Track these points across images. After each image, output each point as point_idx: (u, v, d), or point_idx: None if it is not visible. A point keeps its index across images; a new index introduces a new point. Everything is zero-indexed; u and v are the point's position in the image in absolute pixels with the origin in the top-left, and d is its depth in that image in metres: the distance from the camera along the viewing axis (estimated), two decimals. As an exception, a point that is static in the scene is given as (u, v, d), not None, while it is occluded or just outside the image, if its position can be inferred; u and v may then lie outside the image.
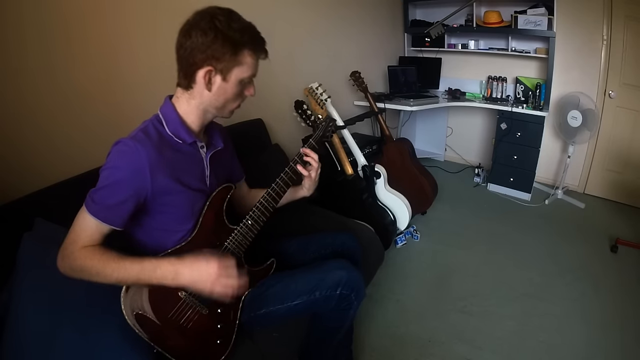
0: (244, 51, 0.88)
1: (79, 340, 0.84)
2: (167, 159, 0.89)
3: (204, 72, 0.87)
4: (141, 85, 1.52)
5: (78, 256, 0.80)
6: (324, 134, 1.20)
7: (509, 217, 2.63)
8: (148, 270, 0.83)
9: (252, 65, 0.91)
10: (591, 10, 2.59)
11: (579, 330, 1.63)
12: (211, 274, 0.84)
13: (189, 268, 0.85)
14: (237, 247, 1.02)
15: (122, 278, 0.82)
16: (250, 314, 1.04)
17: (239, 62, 0.88)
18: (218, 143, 1.05)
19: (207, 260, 0.85)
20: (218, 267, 0.85)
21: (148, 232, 0.94)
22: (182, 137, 0.94)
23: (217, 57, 0.86)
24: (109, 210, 0.83)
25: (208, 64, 0.86)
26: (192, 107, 0.94)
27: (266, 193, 1.06)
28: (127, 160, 0.84)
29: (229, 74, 0.89)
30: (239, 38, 0.86)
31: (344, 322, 1.13)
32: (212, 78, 0.89)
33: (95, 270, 0.80)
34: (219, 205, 1.03)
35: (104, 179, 0.84)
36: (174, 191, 0.91)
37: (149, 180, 0.85)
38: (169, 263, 0.85)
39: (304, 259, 1.24)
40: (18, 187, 1.14)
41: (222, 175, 1.08)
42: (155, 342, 0.89)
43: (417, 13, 3.43)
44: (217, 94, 0.91)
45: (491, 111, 3.11)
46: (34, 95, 1.22)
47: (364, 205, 2.09)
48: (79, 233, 0.83)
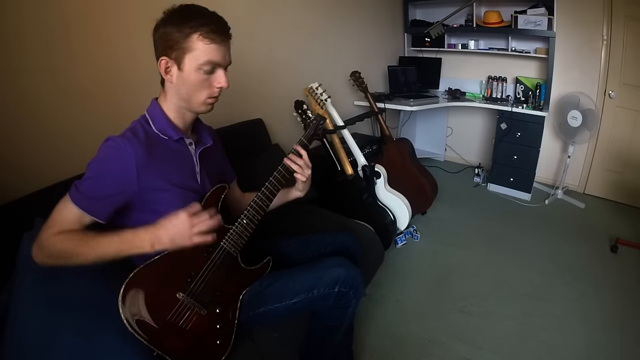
0: (192, 36, 0.86)
1: (79, 341, 0.84)
2: (155, 157, 0.91)
3: (162, 63, 0.89)
4: (141, 84, 1.51)
5: (56, 241, 0.81)
6: (315, 132, 1.20)
7: (509, 217, 2.63)
8: (127, 241, 0.84)
9: (207, 51, 0.88)
10: (591, 10, 2.59)
11: (579, 330, 1.63)
12: (184, 224, 0.85)
13: (164, 229, 0.85)
14: (233, 246, 1.02)
15: (102, 254, 0.82)
16: (249, 313, 1.03)
17: (190, 49, 0.87)
18: (207, 140, 1.07)
19: (176, 215, 0.85)
20: (187, 216, 0.85)
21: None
22: (168, 134, 0.95)
23: (169, 46, 0.87)
24: (92, 201, 0.85)
25: (163, 54, 0.89)
26: (169, 103, 0.96)
27: (260, 192, 1.06)
28: (114, 155, 0.86)
29: (182, 62, 0.88)
30: (187, 22, 0.85)
31: (343, 320, 1.13)
32: (170, 69, 0.90)
33: (75, 251, 0.81)
34: (214, 205, 1.03)
35: (90, 171, 0.86)
36: (163, 189, 0.92)
37: (134, 177, 0.87)
38: (145, 230, 0.85)
39: (303, 258, 1.24)
40: (18, 187, 1.14)
41: (213, 174, 1.08)
42: (155, 345, 0.89)
43: (417, 13, 3.43)
44: (178, 84, 0.92)
45: (491, 111, 3.11)
46: (34, 94, 1.23)
47: (364, 205, 2.09)
48: (58, 220, 0.84)
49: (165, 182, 0.92)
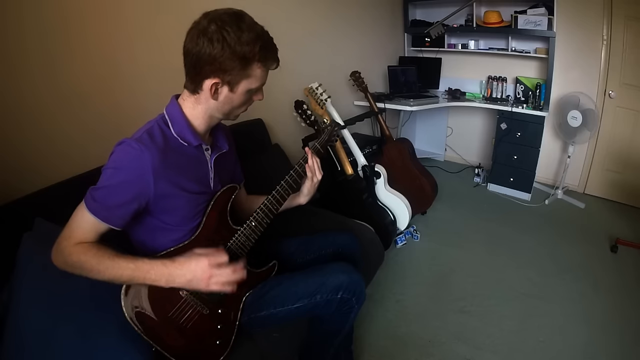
0: (253, 65, 0.85)
1: (79, 340, 0.84)
2: (170, 163, 0.88)
3: (210, 82, 0.85)
4: (141, 84, 1.52)
5: (72, 251, 0.80)
6: (329, 139, 1.19)
7: (509, 217, 2.63)
8: (142, 271, 0.83)
9: (262, 77, 0.90)
10: (591, 10, 2.59)
11: (579, 330, 1.63)
12: (203, 273, 0.84)
13: (181, 270, 0.84)
14: (240, 248, 1.02)
15: (115, 276, 0.82)
16: (251, 315, 1.03)
17: (248, 75, 0.86)
18: (223, 145, 1.04)
19: (197, 260, 0.85)
20: (209, 266, 0.85)
21: (149, 230, 0.93)
22: (187, 139, 0.92)
23: (225, 70, 0.83)
24: (109, 210, 0.83)
25: (215, 76, 0.84)
26: (199, 111, 0.93)
27: (270, 195, 1.05)
28: (130, 162, 0.83)
29: (237, 86, 0.87)
30: (249, 52, 0.82)
31: (345, 325, 1.13)
32: (219, 89, 0.87)
33: (89, 266, 0.80)
34: (223, 206, 1.02)
35: (106, 179, 0.83)
36: (175, 195, 0.90)
37: (152, 184, 0.84)
38: (162, 265, 0.84)
39: (304, 258, 1.24)
40: (18, 187, 1.14)
41: (225, 178, 1.07)
42: (154, 341, 0.89)
43: (417, 13, 3.43)
44: (224, 102, 0.91)
45: (491, 111, 3.11)
46: (33, 95, 1.22)
47: (364, 205, 2.09)
48: (75, 229, 0.82)
49: (178, 189, 0.90)
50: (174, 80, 0.94)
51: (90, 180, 0.86)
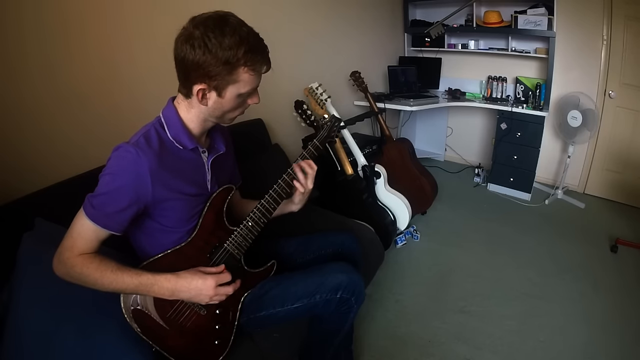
0: (238, 69, 0.83)
1: (79, 340, 0.84)
2: (167, 167, 0.88)
3: (197, 88, 0.85)
4: (140, 86, 1.52)
5: (75, 263, 0.80)
6: (329, 134, 1.17)
7: (509, 217, 2.63)
8: (145, 285, 0.85)
9: (251, 81, 0.87)
10: (591, 10, 2.58)
11: (579, 330, 1.63)
12: (209, 291, 0.89)
13: (187, 287, 0.88)
14: (237, 248, 1.02)
15: (119, 288, 0.84)
16: (250, 315, 1.04)
17: (235, 80, 0.84)
18: (220, 147, 1.03)
19: (204, 280, 0.89)
20: (214, 285, 0.90)
21: (146, 232, 0.94)
22: (183, 142, 0.92)
23: (210, 76, 0.82)
24: (108, 216, 0.82)
25: (201, 82, 0.83)
26: (192, 115, 0.92)
27: (267, 194, 1.05)
28: (127, 167, 0.82)
29: (224, 91, 0.86)
30: (232, 57, 0.80)
31: (344, 325, 1.13)
32: (207, 94, 0.86)
33: (92, 280, 0.81)
34: (220, 206, 1.02)
35: (103, 185, 0.83)
36: (172, 198, 0.90)
37: (149, 188, 0.84)
38: (166, 280, 0.86)
39: (304, 258, 1.24)
40: (18, 187, 1.14)
41: (223, 179, 1.07)
42: (153, 341, 0.90)
43: (417, 13, 3.43)
44: (214, 107, 0.89)
45: (491, 111, 3.11)
46: (33, 96, 1.23)
47: (364, 205, 2.09)
48: (76, 238, 0.82)
49: (175, 192, 0.90)
50: (173, 82, 0.93)
51: (90, 180, 0.87)
